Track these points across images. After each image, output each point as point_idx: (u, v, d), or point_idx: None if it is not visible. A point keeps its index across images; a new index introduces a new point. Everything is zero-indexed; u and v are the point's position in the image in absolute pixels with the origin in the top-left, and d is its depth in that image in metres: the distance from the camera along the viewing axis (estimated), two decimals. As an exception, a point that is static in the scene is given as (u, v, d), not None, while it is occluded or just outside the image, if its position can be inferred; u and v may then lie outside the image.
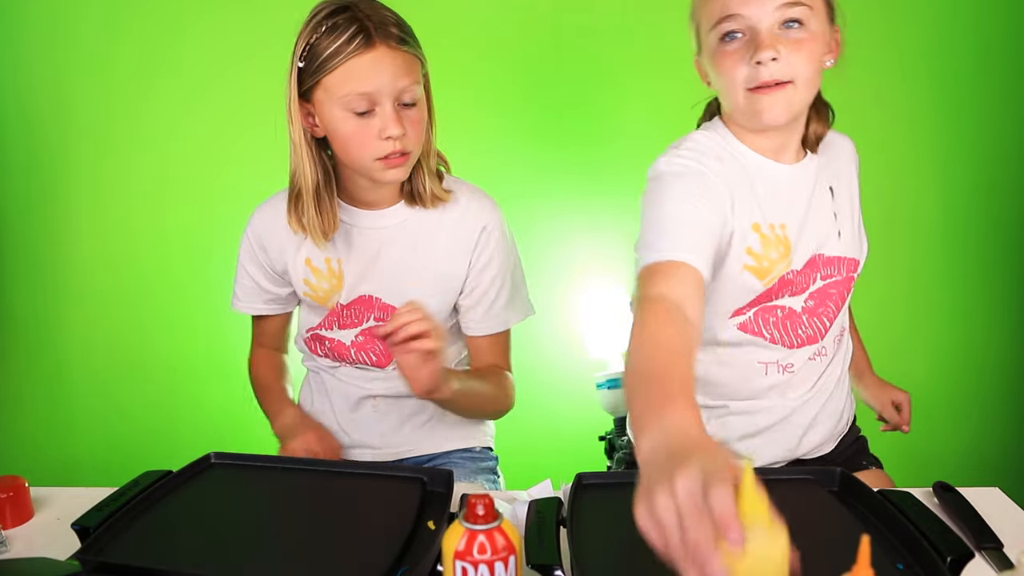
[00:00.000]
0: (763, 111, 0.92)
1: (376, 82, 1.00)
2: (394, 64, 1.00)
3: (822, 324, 1.04)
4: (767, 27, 0.89)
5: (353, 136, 1.03)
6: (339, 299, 1.17)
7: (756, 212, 0.97)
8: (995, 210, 1.90)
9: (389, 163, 1.04)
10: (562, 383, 1.92)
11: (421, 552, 0.74)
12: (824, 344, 1.06)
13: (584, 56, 1.89)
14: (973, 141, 1.88)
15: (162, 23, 1.88)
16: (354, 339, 1.18)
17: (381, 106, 1.01)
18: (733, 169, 0.97)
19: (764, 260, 0.98)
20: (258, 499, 0.87)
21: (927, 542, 0.72)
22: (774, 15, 0.89)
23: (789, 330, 1.03)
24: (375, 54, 0.99)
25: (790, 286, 1.01)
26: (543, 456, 1.64)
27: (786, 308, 1.02)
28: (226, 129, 1.91)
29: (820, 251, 1.02)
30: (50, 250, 2.00)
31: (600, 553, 0.73)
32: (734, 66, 0.92)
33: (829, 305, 1.04)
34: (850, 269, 1.05)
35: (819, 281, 1.03)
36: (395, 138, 1.02)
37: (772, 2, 0.89)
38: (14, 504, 0.92)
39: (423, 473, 0.88)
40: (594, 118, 1.91)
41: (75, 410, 2.05)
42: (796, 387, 1.08)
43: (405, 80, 1.02)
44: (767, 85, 0.91)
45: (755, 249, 0.97)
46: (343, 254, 1.15)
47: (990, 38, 1.83)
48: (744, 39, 0.91)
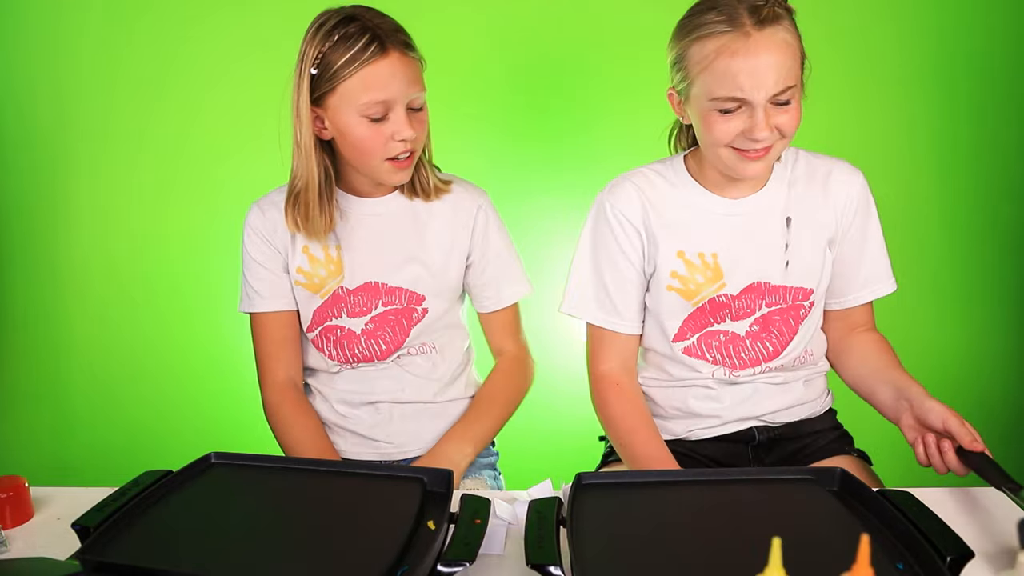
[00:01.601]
0: (746, 171, 1.02)
1: (392, 89, 1.05)
2: (406, 70, 1.06)
3: (765, 348, 1.12)
4: (763, 108, 0.97)
5: (366, 139, 1.08)
6: (341, 284, 1.18)
7: (684, 242, 1.10)
8: (995, 210, 1.90)
9: (398, 164, 1.10)
10: (562, 383, 1.92)
11: (421, 552, 0.74)
12: (782, 362, 1.13)
13: (569, 52, 1.88)
14: (973, 141, 1.88)
15: (163, 24, 1.88)
16: (364, 327, 1.19)
17: (395, 111, 1.06)
18: (668, 205, 1.10)
19: (690, 283, 1.10)
20: (258, 499, 0.87)
21: (927, 542, 0.72)
22: (770, 97, 0.97)
23: (732, 353, 1.12)
24: (389, 61, 1.05)
25: (727, 310, 1.10)
26: (543, 456, 1.64)
27: (729, 333, 1.12)
28: (226, 129, 1.91)
29: (763, 279, 1.09)
30: (50, 250, 1.99)
31: (600, 553, 0.73)
32: (725, 132, 0.99)
33: (773, 331, 1.12)
34: (797, 298, 1.11)
35: (764, 308, 1.11)
36: (408, 140, 1.08)
37: (770, 89, 0.96)
38: (14, 504, 0.93)
39: (423, 473, 0.88)
40: (584, 115, 1.89)
41: (75, 410, 2.05)
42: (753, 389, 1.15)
43: (416, 86, 1.08)
44: (755, 151, 1.00)
45: (680, 272, 1.10)
46: (342, 240, 1.17)
47: (990, 38, 1.82)
48: (740, 112, 0.98)
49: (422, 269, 1.19)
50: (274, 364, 1.21)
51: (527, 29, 1.86)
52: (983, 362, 1.97)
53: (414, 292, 1.19)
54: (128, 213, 1.97)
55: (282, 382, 1.21)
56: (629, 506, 0.83)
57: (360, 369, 1.22)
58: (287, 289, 1.20)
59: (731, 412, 1.15)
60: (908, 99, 1.87)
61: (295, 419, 1.19)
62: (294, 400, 1.20)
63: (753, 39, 0.94)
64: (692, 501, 0.84)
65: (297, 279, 1.18)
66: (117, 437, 2.03)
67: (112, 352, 2.02)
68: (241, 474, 0.91)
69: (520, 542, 0.76)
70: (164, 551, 0.76)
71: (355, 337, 1.19)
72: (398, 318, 1.19)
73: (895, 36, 1.82)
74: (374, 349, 1.20)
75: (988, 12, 1.81)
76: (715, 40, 0.96)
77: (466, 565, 0.72)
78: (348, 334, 1.19)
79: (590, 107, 1.89)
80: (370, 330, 1.19)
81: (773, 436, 1.16)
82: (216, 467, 0.92)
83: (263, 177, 1.27)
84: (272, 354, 1.21)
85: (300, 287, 1.19)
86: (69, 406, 2.05)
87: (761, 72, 0.95)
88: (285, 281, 1.20)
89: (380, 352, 1.20)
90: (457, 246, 1.21)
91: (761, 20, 0.94)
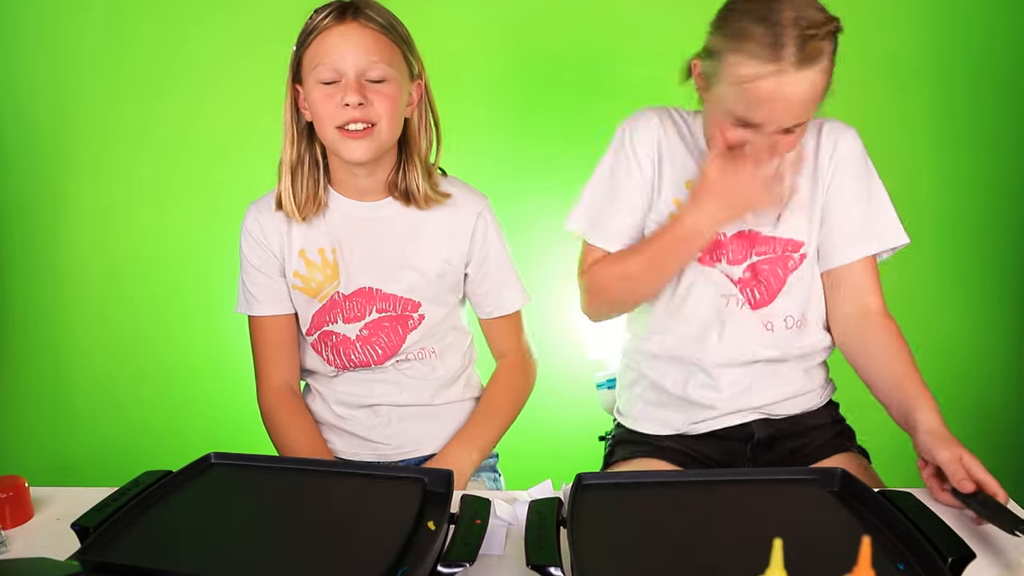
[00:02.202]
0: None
1: (341, 53, 1.06)
2: (361, 39, 1.06)
3: (753, 296, 1.15)
4: (778, 135, 1.02)
5: (318, 103, 1.08)
6: (337, 289, 1.17)
7: (682, 191, 1.14)
8: (994, 210, 1.90)
9: (348, 134, 1.08)
10: (562, 383, 1.92)
11: (421, 552, 0.74)
12: (771, 320, 1.15)
13: (574, 48, 1.88)
14: (972, 140, 1.88)
15: (163, 24, 1.88)
16: (359, 333, 1.19)
17: (345, 76, 1.06)
18: (676, 152, 1.15)
19: None
20: (258, 499, 0.87)
21: (928, 542, 0.71)
22: (781, 128, 1.01)
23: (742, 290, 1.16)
24: (343, 28, 1.06)
25: (723, 251, 1.14)
26: (543, 456, 1.64)
27: (724, 274, 1.15)
28: (226, 129, 1.91)
29: (754, 228, 1.13)
30: (50, 250, 1.99)
31: (600, 553, 0.73)
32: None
33: (761, 280, 1.15)
34: (787, 249, 1.14)
35: (754, 256, 1.14)
36: (352, 105, 1.05)
37: (787, 123, 1.00)
38: (14, 504, 0.92)
39: (423, 473, 0.88)
40: (589, 110, 1.88)
41: (75, 410, 2.05)
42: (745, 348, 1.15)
43: (372, 56, 1.06)
44: None
45: (683, 201, 1.14)
46: (338, 244, 1.17)
47: (990, 36, 1.82)
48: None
49: (418, 276, 1.18)
50: (270, 368, 1.21)
51: (528, 24, 1.86)
52: (983, 362, 1.97)
53: (409, 299, 1.18)
54: (128, 213, 1.97)
55: (277, 387, 1.21)
56: (629, 507, 0.83)
57: (359, 372, 1.21)
58: (284, 293, 1.20)
59: (729, 403, 1.15)
60: (908, 99, 1.87)
61: (290, 422, 1.19)
62: (289, 404, 1.20)
63: (790, 78, 0.96)
64: (693, 502, 0.84)
65: (294, 283, 1.18)
66: (117, 437, 2.03)
67: (112, 352, 2.02)
68: (241, 474, 0.91)
69: (520, 542, 0.75)
70: (164, 551, 0.76)
71: (351, 343, 1.19)
72: (393, 324, 1.19)
73: (894, 35, 1.82)
74: (371, 354, 1.19)
75: (987, 10, 1.81)
76: (753, 67, 0.97)
77: (466, 565, 0.72)
78: (344, 340, 1.19)
79: (591, 106, 1.89)
80: (365, 336, 1.19)
81: (772, 433, 1.16)
82: (216, 467, 0.92)
83: (263, 177, 1.26)
84: (268, 358, 1.21)
85: (298, 291, 1.18)
86: (69, 406, 2.05)
87: (784, 110, 0.99)
88: (282, 285, 1.19)
89: (377, 357, 1.20)
90: (455, 253, 1.19)
91: (803, 58, 0.95)
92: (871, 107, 1.82)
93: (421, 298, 1.19)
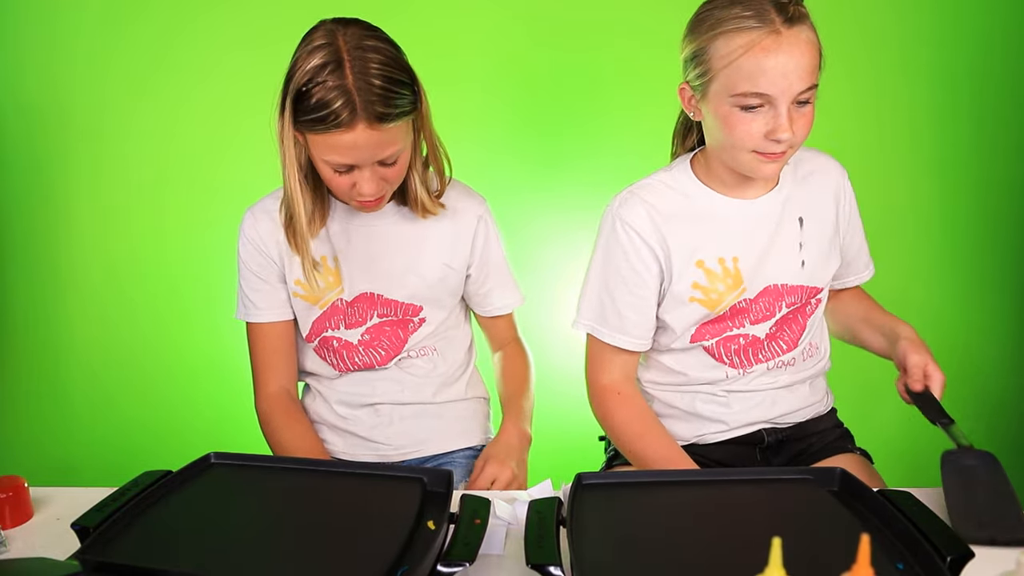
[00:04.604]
0: (764, 171, 1.01)
1: (354, 156, 1.01)
2: (372, 141, 1.00)
3: (779, 347, 1.13)
4: (787, 107, 0.95)
5: (332, 182, 1.06)
6: (340, 296, 1.17)
7: (702, 250, 1.07)
8: (995, 210, 1.90)
9: (364, 204, 1.09)
10: (562, 383, 1.92)
11: (421, 552, 0.74)
12: (794, 358, 1.14)
13: (580, 46, 1.87)
14: (972, 140, 1.88)
15: (161, 23, 1.88)
16: (361, 337, 1.19)
17: (359, 170, 1.03)
18: (681, 217, 1.07)
19: (712, 292, 1.08)
20: (258, 499, 0.87)
21: (927, 542, 0.72)
22: (794, 96, 0.96)
23: (750, 355, 1.12)
24: (355, 135, 0.99)
25: (746, 314, 1.09)
26: (543, 456, 1.64)
27: (749, 336, 1.11)
28: (226, 129, 1.91)
29: (780, 280, 1.09)
30: (50, 250, 1.99)
31: (600, 553, 0.73)
32: (748, 133, 0.97)
33: (786, 330, 1.12)
34: (810, 295, 1.12)
35: (784, 309, 1.10)
36: (368, 196, 1.05)
37: (797, 88, 0.95)
38: (14, 504, 0.92)
39: (423, 473, 0.88)
40: (592, 108, 1.89)
41: (75, 410, 2.05)
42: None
43: (386, 151, 1.03)
44: (776, 153, 0.98)
45: (701, 283, 1.08)
46: (339, 251, 1.16)
47: (990, 36, 1.82)
48: (762, 110, 0.96)
49: (419, 281, 1.17)
50: (268, 374, 1.20)
51: (528, 21, 1.86)
52: (983, 362, 1.97)
53: (411, 304, 1.18)
54: (127, 213, 1.97)
55: (275, 392, 1.20)
56: (629, 506, 0.83)
57: (361, 372, 1.22)
58: (283, 300, 1.19)
59: (739, 418, 1.15)
60: (908, 99, 1.87)
61: (287, 427, 1.18)
62: (286, 408, 1.20)
63: (784, 36, 0.93)
64: (693, 501, 0.84)
65: (295, 291, 1.18)
66: (116, 437, 2.03)
67: (112, 352, 2.02)
68: (241, 474, 0.91)
69: (520, 542, 0.76)
70: (164, 551, 0.76)
71: (353, 347, 1.19)
72: (394, 328, 1.19)
73: (896, 36, 1.82)
74: (374, 356, 1.20)
75: (988, 12, 1.81)
76: (744, 35, 0.94)
77: (466, 565, 0.72)
78: (346, 345, 1.19)
79: (590, 104, 1.89)
80: (367, 340, 1.19)
81: (781, 438, 1.17)
82: (216, 467, 0.92)
83: (263, 178, 1.26)
84: (266, 363, 1.21)
85: (298, 299, 1.18)
86: (69, 406, 2.05)
87: (790, 70, 0.94)
88: (281, 292, 1.18)
89: (380, 358, 1.20)
90: (457, 258, 1.19)
91: (789, 18, 0.94)
92: (873, 109, 1.83)
93: (423, 302, 1.19)
